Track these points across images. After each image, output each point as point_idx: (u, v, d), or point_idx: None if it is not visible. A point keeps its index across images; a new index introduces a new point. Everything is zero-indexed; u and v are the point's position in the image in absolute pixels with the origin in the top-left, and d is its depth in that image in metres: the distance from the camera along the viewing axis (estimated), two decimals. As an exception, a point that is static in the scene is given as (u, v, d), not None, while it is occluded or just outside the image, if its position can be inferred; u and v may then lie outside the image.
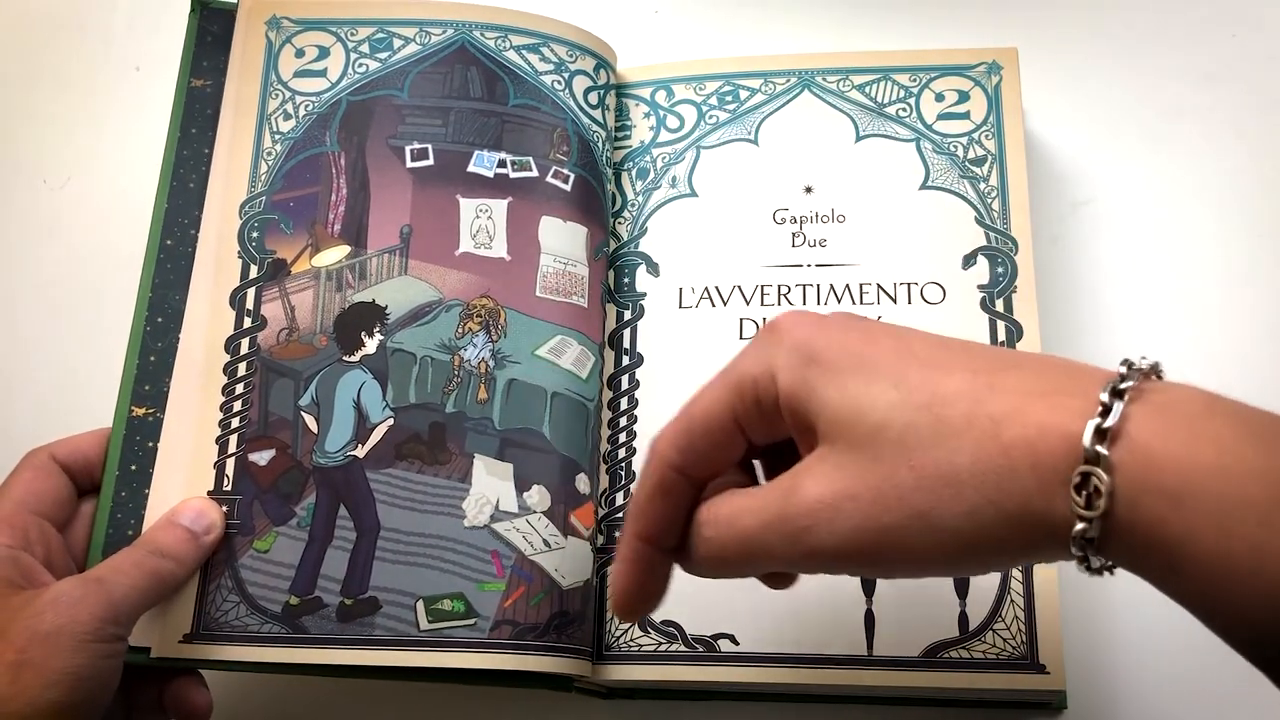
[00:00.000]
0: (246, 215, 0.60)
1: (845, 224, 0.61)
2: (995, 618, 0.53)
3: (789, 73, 0.65)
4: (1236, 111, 0.66)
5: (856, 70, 0.64)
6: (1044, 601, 0.53)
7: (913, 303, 0.59)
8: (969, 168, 0.60)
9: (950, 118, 0.62)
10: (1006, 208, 0.59)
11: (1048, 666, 0.52)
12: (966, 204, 0.60)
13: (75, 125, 0.80)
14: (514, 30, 0.63)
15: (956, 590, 0.53)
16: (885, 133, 0.62)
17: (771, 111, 0.64)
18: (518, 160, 0.61)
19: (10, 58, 0.82)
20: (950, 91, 0.62)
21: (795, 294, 0.60)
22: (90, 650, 0.47)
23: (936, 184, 0.61)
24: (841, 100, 0.63)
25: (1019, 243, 0.59)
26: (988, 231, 0.59)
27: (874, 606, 0.54)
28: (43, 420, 0.62)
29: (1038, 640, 0.52)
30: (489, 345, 0.58)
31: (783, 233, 0.61)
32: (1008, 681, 0.52)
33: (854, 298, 0.59)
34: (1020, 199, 0.60)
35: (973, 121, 0.61)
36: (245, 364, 0.58)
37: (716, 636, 0.55)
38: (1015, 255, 0.59)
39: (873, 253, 0.60)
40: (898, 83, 0.63)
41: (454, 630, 0.54)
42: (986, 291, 0.58)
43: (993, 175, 0.60)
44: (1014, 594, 0.53)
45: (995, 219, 0.59)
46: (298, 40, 0.63)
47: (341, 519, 0.56)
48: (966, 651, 0.52)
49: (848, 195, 0.62)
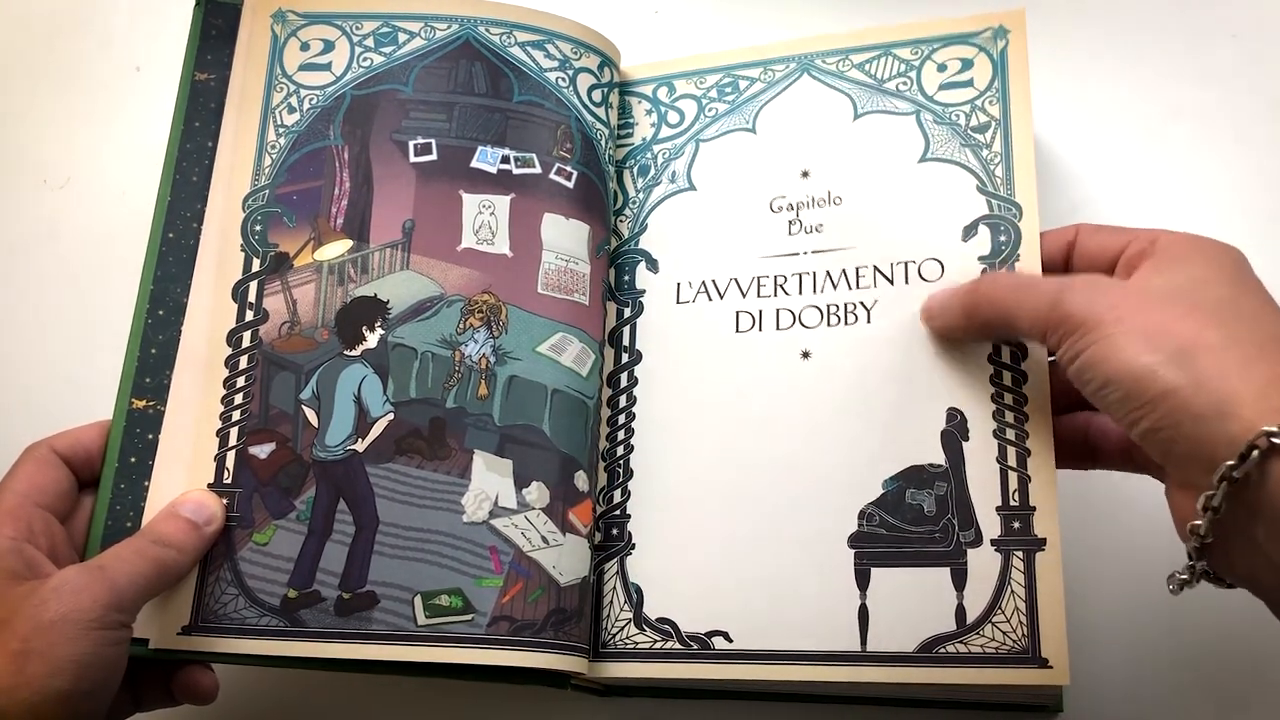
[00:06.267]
0: (250, 208, 0.60)
1: (842, 206, 0.60)
2: (995, 609, 0.51)
3: (788, 59, 0.64)
4: (1236, 111, 0.67)
5: (856, 49, 0.62)
6: (1047, 591, 0.51)
7: (910, 282, 0.57)
8: (971, 135, 0.58)
9: (952, 87, 0.60)
10: (1011, 173, 0.57)
11: (1050, 661, 0.49)
12: (968, 173, 0.58)
13: (75, 125, 0.80)
14: (519, 26, 0.63)
15: (954, 581, 0.52)
16: (884, 108, 0.61)
17: (770, 99, 0.63)
18: (521, 156, 0.61)
19: (10, 58, 0.82)
20: (953, 61, 0.60)
21: (791, 284, 0.59)
22: (95, 637, 0.47)
23: (936, 155, 0.59)
24: (840, 80, 0.62)
25: (1023, 208, 0.56)
26: (990, 199, 0.57)
27: (868, 601, 0.53)
28: (43, 416, 0.62)
29: (1040, 633, 0.50)
30: (490, 341, 0.58)
31: (779, 221, 0.61)
32: (1008, 677, 0.50)
33: (850, 283, 0.58)
34: (1025, 163, 0.57)
35: (976, 89, 0.59)
36: (247, 357, 0.58)
37: (711, 634, 0.55)
38: (1019, 221, 0.56)
39: (869, 234, 0.59)
40: (899, 58, 0.61)
41: (451, 625, 0.54)
42: (987, 262, 0.56)
43: (996, 141, 0.58)
44: (1014, 584, 0.51)
45: (999, 185, 0.57)
46: (303, 34, 0.63)
47: (341, 513, 0.56)
48: (964, 646, 0.51)
49: (845, 176, 0.60)
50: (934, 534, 0.53)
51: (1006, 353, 0.54)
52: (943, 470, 0.54)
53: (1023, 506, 0.52)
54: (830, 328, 0.58)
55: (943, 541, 0.53)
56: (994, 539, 0.52)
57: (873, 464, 0.55)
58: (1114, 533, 0.60)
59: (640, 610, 0.56)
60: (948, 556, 0.52)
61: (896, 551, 0.53)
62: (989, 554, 0.52)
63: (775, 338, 0.58)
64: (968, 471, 0.53)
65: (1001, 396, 0.54)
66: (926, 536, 0.53)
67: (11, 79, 0.82)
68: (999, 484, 0.53)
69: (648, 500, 0.58)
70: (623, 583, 0.57)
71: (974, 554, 0.52)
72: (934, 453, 0.54)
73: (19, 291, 0.76)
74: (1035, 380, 0.53)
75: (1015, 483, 0.52)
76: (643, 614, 0.56)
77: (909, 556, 0.53)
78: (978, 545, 0.52)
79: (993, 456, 0.53)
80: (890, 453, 0.55)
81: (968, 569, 0.52)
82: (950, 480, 0.53)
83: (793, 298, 0.59)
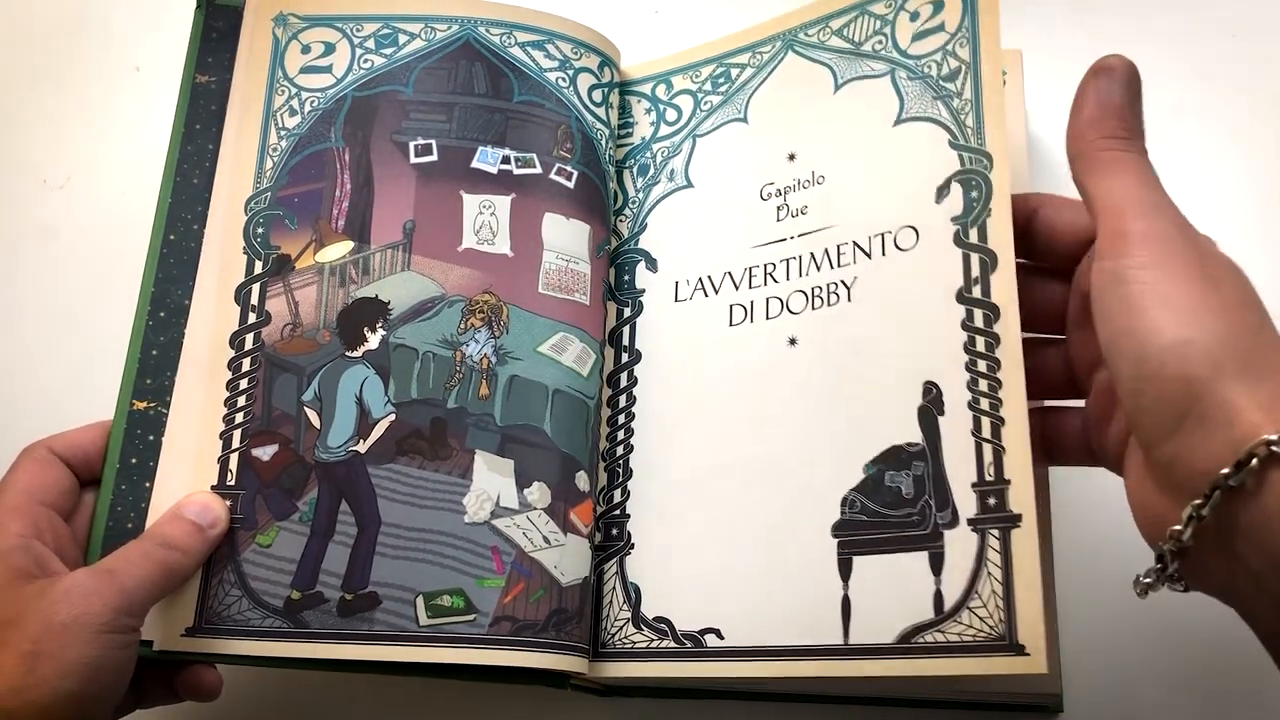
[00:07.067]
0: (252, 211, 0.60)
1: (825, 184, 0.59)
2: (971, 593, 0.48)
3: (773, 38, 0.63)
4: (1236, 111, 0.67)
5: (835, 14, 0.61)
6: (1023, 570, 0.48)
7: (886, 254, 0.55)
8: (942, 86, 0.56)
9: (924, 35, 0.58)
10: (980, 120, 0.55)
11: (1027, 647, 0.46)
12: (940, 128, 0.56)
13: (75, 125, 0.80)
14: (519, 27, 0.63)
15: (931, 566, 0.50)
16: (862, 73, 0.59)
17: (759, 84, 0.63)
18: (521, 157, 0.61)
19: (10, 58, 0.82)
20: (925, 6, 0.58)
21: (779, 270, 0.58)
22: (104, 641, 0.48)
23: (911, 114, 0.57)
24: (822, 51, 0.61)
25: (993, 157, 0.54)
26: (960, 153, 0.55)
27: (850, 592, 0.51)
28: (43, 416, 0.62)
29: (1016, 617, 0.47)
30: (491, 341, 0.59)
31: (768, 209, 0.60)
32: (984, 666, 0.47)
33: (831, 261, 0.57)
34: (995, 107, 0.54)
35: (947, 32, 0.57)
36: (249, 359, 0.58)
37: (704, 631, 0.54)
38: (990, 172, 0.53)
39: (848, 209, 0.58)
40: (873, 14, 0.60)
41: (453, 626, 0.54)
42: (960, 223, 0.53)
43: (966, 88, 0.56)
44: (990, 565, 0.48)
45: (969, 136, 0.55)
46: (304, 36, 0.63)
47: (343, 514, 0.56)
48: (942, 635, 0.48)
49: (826, 153, 0.59)
50: (911, 517, 0.51)
51: (980, 316, 0.52)
52: (920, 449, 0.52)
53: (998, 481, 0.49)
54: (814, 311, 0.57)
55: (920, 525, 0.51)
56: (970, 518, 0.50)
57: (856, 447, 0.53)
58: (1114, 533, 0.60)
59: (638, 610, 0.56)
60: (925, 540, 0.51)
61: (876, 538, 0.52)
62: (965, 534, 0.50)
63: (765, 328, 0.58)
64: (944, 448, 0.51)
65: (975, 365, 0.51)
66: (904, 520, 0.51)
67: (11, 79, 0.82)
68: (974, 458, 0.50)
69: (647, 500, 0.58)
70: (622, 582, 0.57)
71: (950, 535, 0.50)
72: (912, 431, 0.52)
73: (19, 291, 0.76)
74: (1008, 344, 0.51)
75: (990, 455, 0.50)
76: (640, 613, 0.56)
77: (888, 543, 0.51)
78: (954, 526, 0.50)
79: (968, 429, 0.51)
80: (872, 435, 0.53)
81: (944, 552, 0.50)
82: (928, 459, 0.52)
83: (780, 285, 0.58)
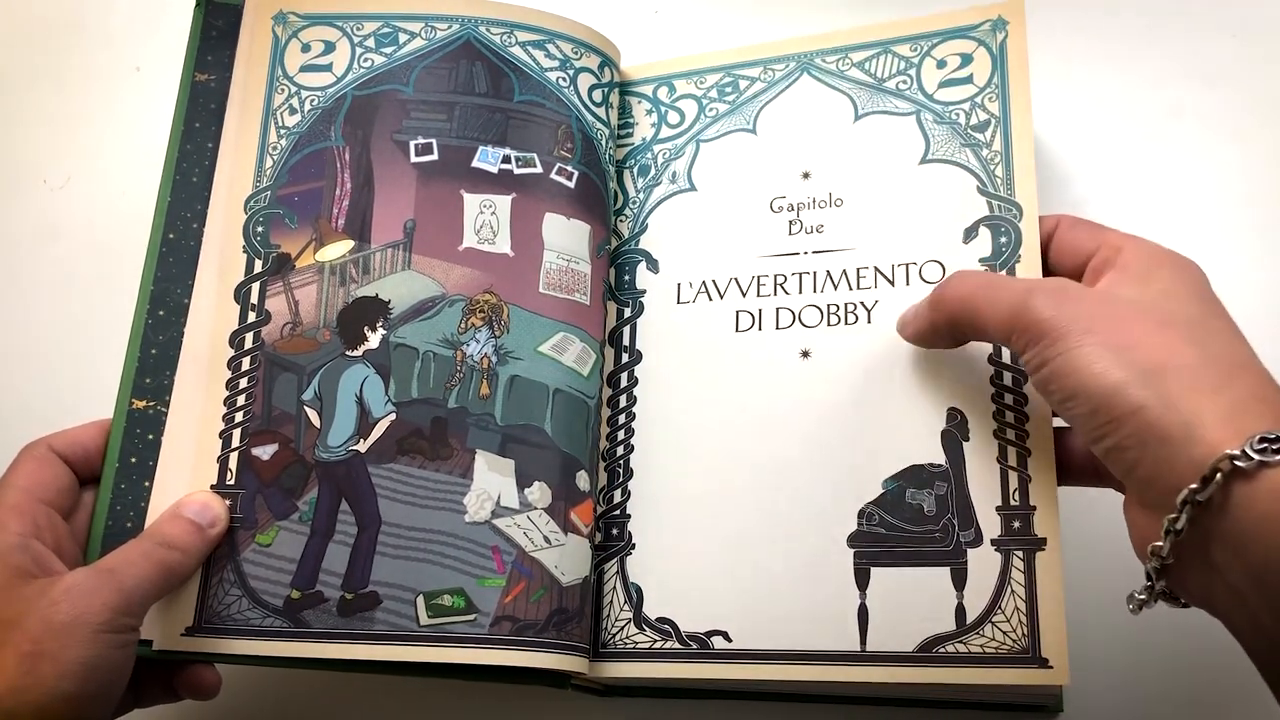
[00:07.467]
0: (251, 210, 0.60)
1: (843, 207, 0.60)
2: (995, 609, 0.51)
3: (788, 58, 0.63)
4: (1236, 112, 0.67)
5: (856, 47, 0.62)
6: (1047, 591, 0.50)
7: (910, 284, 0.57)
8: (971, 135, 0.58)
9: (952, 84, 0.60)
10: (1010, 173, 0.57)
11: (1051, 661, 0.49)
12: (968, 173, 0.58)
13: (75, 125, 0.80)
14: (519, 26, 0.63)
15: (953, 581, 0.52)
16: (885, 108, 0.60)
17: (770, 99, 0.63)
18: (522, 156, 0.61)
19: (10, 58, 0.82)
20: (953, 56, 0.60)
21: (791, 283, 0.59)
22: (104, 641, 0.48)
23: (937, 156, 0.59)
24: (841, 80, 0.62)
25: (1023, 208, 0.56)
26: (990, 200, 0.57)
27: (868, 600, 0.53)
28: (43, 416, 0.62)
29: (1040, 632, 0.50)
30: (492, 341, 0.58)
31: (779, 221, 0.61)
32: (1008, 677, 0.50)
33: (850, 283, 0.58)
34: (1025, 162, 0.57)
35: (976, 85, 0.59)
36: (249, 358, 0.58)
37: (710, 633, 0.55)
38: (1020, 222, 0.56)
39: (870, 235, 0.59)
40: (898, 54, 0.61)
41: (454, 625, 0.54)
42: (988, 264, 0.56)
43: (996, 140, 0.58)
44: (1014, 584, 0.51)
45: (999, 186, 0.57)
46: (304, 35, 0.63)
47: (343, 514, 0.56)
48: (964, 646, 0.51)
49: (845, 178, 0.60)
50: (934, 533, 0.53)
51: (1007, 354, 0.54)
52: (943, 470, 0.54)
53: (1023, 506, 0.52)
54: (830, 327, 0.58)
55: (943, 541, 0.53)
56: (994, 539, 0.52)
57: (873, 463, 0.55)
58: (1114, 533, 0.60)
59: (640, 610, 0.56)
60: (948, 556, 0.52)
61: (896, 551, 0.53)
62: (989, 553, 0.52)
63: (775, 337, 0.58)
64: (968, 471, 0.53)
65: (1002, 397, 0.53)
66: (926, 536, 0.53)
67: (11, 79, 0.82)
68: (999, 484, 0.53)
69: (648, 500, 0.58)
70: (623, 583, 0.57)
71: (974, 554, 0.52)
72: (934, 452, 0.54)
73: (19, 291, 0.76)
74: None
75: (1015, 482, 0.52)
76: (642, 614, 0.56)
77: (909, 556, 0.53)
78: (978, 545, 0.52)
79: (993, 456, 0.53)
80: (890, 452, 0.55)
81: (968, 568, 0.52)
82: (950, 480, 0.53)
83: (793, 297, 0.59)
